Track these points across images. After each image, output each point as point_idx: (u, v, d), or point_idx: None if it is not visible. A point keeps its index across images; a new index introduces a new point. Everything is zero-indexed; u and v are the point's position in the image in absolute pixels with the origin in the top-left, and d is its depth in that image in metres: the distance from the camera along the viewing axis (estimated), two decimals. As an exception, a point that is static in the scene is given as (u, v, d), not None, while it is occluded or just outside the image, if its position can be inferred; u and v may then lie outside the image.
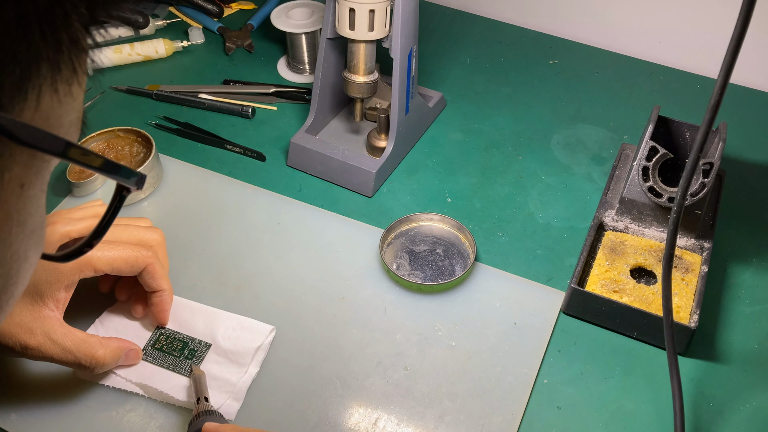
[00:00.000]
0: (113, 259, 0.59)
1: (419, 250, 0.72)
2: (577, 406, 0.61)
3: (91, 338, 0.58)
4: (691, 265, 0.67)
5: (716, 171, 0.65)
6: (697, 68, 0.96)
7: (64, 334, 0.57)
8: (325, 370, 0.63)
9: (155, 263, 0.61)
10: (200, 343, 0.63)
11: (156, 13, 1.06)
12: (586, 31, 1.01)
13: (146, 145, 0.79)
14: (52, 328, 0.56)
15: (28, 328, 0.56)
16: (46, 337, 0.56)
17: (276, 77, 0.95)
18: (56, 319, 0.57)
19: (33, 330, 0.56)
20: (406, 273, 0.70)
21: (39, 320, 0.56)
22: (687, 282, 0.66)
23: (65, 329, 0.57)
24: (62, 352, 0.56)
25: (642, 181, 0.68)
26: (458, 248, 0.72)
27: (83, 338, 0.58)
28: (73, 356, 0.57)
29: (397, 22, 0.73)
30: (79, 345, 0.57)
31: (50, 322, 0.56)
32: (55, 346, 0.56)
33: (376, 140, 0.81)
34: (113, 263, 0.59)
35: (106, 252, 0.59)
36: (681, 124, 0.73)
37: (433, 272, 0.70)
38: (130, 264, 0.60)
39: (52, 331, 0.56)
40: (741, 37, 0.36)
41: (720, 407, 0.61)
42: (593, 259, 0.69)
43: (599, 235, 0.71)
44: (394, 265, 0.70)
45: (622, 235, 0.70)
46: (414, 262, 0.71)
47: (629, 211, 0.71)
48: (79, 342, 0.57)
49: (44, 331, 0.56)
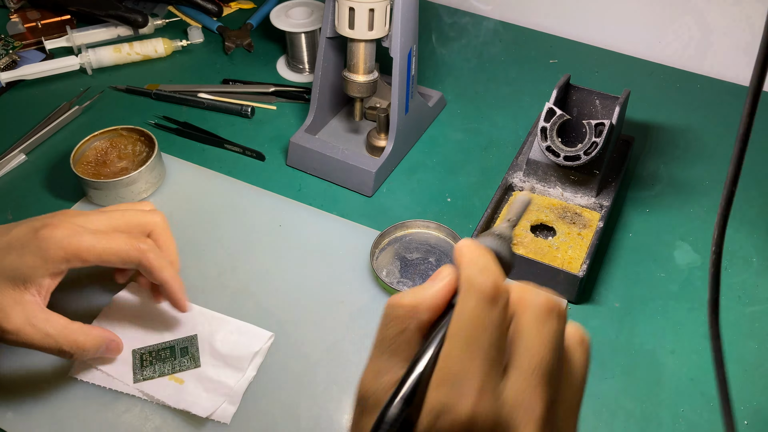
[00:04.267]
0: (103, 250, 0.57)
1: (411, 258, 0.71)
2: (576, 406, 0.61)
3: (73, 324, 0.57)
4: (588, 222, 0.72)
5: (609, 132, 0.69)
6: (697, 68, 0.96)
7: (44, 320, 0.55)
8: (322, 374, 0.63)
9: (150, 257, 0.58)
10: (185, 340, 0.63)
11: (155, 13, 1.06)
12: (586, 31, 1.01)
13: (149, 144, 0.79)
14: (33, 312, 0.55)
15: (6, 312, 0.54)
16: (26, 322, 0.54)
17: (275, 77, 0.95)
18: (37, 304, 0.55)
19: (11, 314, 0.54)
20: (395, 281, 0.68)
21: (19, 305, 0.54)
22: (583, 236, 0.70)
23: (46, 314, 0.56)
24: (43, 337, 0.55)
25: (541, 140, 0.72)
26: (451, 258, 0.71)
27: (64, 324, 0.56)
28: (54, 341, 0.55)
29: (396, 21, 0.73)
30: (60, 330, 0.56)
31: (31, 307, 0.55)
32: (35, 331, 0.54)
33: (376, 140, 0.81)
34: (102, 255, 0.57)
35: (97, 242, 0.57)
36: (591, 92, 0.77)
37: (423, 281, 0.69)
38: (121, 258, 0.58)
39: (32, 315, 0.55)
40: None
41: (720, 407, 0.61)
42: (499, 216, 0.74)
43: (508, 195, 0.76)
44: (384, 271, 0.69)
45: None
46: (405, 270, 0.70)
47: (534, 172, 0.75)
48: (60, 328, 0.56)
49: (24, 316, 0.54)
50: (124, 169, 0.77)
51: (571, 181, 0.74)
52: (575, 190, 0.74)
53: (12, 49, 0.97)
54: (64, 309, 0.65)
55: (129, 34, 1.01)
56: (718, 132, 0.87)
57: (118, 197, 0.75)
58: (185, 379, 0.61)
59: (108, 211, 0.61)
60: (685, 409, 0.61)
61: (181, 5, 1.06)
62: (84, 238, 0.56)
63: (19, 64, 0.96)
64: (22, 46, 0.99)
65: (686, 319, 0.67)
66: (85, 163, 0.77)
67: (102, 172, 0.77)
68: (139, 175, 0.75)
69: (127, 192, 0.75)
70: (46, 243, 0.55)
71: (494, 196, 0.74)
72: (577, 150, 0.70)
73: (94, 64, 0.95)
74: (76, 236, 0.56)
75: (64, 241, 0.55)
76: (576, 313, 0.68)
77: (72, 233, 0.56)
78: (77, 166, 0.76)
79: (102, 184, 0.74)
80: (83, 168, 0.77)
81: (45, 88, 0.93)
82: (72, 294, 0.67)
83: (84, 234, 0.57)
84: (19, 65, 0.95)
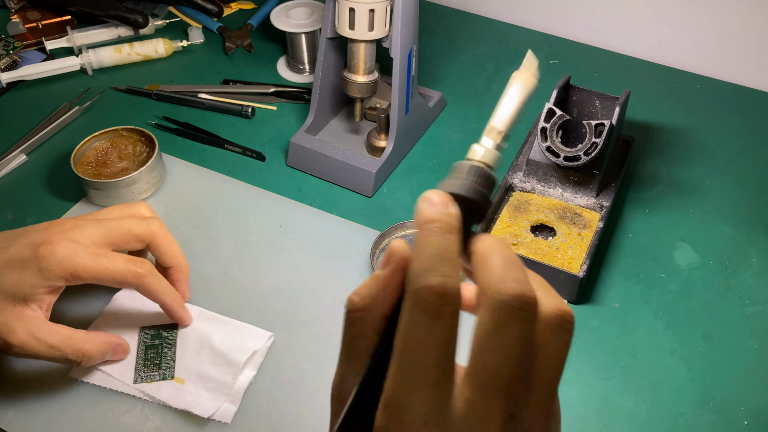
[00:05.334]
0: (100, 272, 0.57)
1: None
2: (577, 406, 0.61)
3: (77, 333, 0.58)
4: (588, 222, 0.72)
5: (609, 132, 0.69)
6: (697, 68, 0.96)
7: (48, 332, 0.56)
8: (323, 374, 0.63)
9: (148, 282, 0.59)
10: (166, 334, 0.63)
11: (155, 13, 1.06)
12: (586, 31, 1.01)
13: (149, 145, 0.79)
14: (36, 326, 0.56)
15: (10, 327, 0.55)
16: (30, 336, 0.55)
17: (276, 77, 0.95)
18: (39, 318, 0.56)
19: (15, 329, 0.55)
20: None
21: (21, 320, 0.55)
22: (583, 237, 0.70)
23: (49, 327, 0.57)
24: (48, 349, 0.56)
25: (541, 141, 0.72)
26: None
27: (68, 334, 0.57)
28: (59, 352, 0.56)
29: (397, 21, 0.73)
30: (65, 341, 0.57)
31: (33, 322, 0.56)
32: (39, 344, 0.56)
33: (376, 140, 0.81)
34: (99, 277, 0.57)
35: (96, 264, 0.57)
36: (592, 92, 0.77)
37: None
38: (117, 281, 0.58)
39: (35, 329, 0.56)
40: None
41: (720, 407, 0.61)
42: (499, 216, 0.74)
43: (508, 195, 0.76)
44: None
45: (528, 195, 0.75)
46: None
47: (535, 172, 0.75)
48: (64, 338, 0.57)
49: (27, 330, 0.55)
50: (125, 170, 0.77)
51: (571, 182, 0.74)
52: (575, 190, 0.74)
53: (12, 49, 0.97)
54: (66, 312, 0.66)
55: (129, 34, 1.01)
56: (719, 132, 0.87)
57: (119, 197, 0.75)
58: (186, 379, 0.61)
59: (104, 221, 0.61)
60: (685, 409, 0.61)
61: (182, 6, 1.06)
62: (82, 258, 0.57)
63: (19, 64, 0.96)
64: (22, 46, 0.99)
65: (686, 319, 0.67)
66: (85, 164, 0.77)
67: (102, 173, 0.77)
68: (140, 175, 0.75)
69: (127, 192, 0.75)
70: (45, 263, 0.56)
71: (494, 196, 0.74)
72: (577, 150, 0.70)
73: (94, 65, 0.95)
74: (74, 257, 0.56)
75: (64, 262, 0.56)
76: (576, 313, 0.68)
77: (71, 253, 0.56)
78: (77, 167, 0.76)
79: (102, 184, 0.74)
80: (83, 168, 0.77)
81: (45, 88, 0.93)
82: (72, 294, 0.67)
83: (83, 254, 0.57)
84: (20, 66, 0.95)
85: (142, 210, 0.65)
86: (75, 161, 0.76)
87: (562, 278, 0.66)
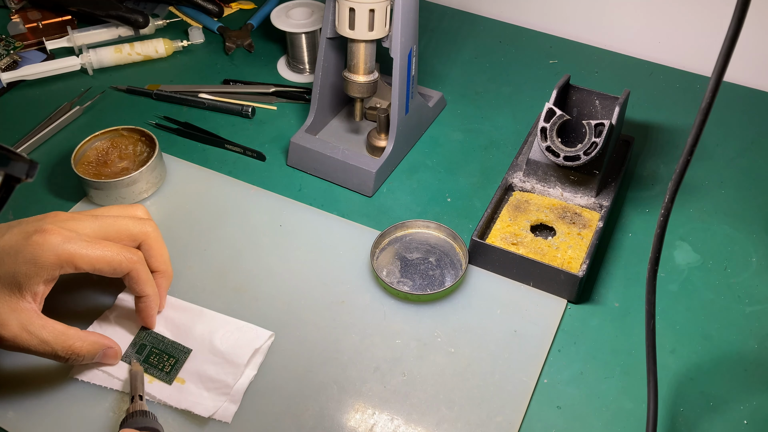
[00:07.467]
0: (96, 259, 0.58)
1: (412, 258, 0.71)
2: (577, 406, 0.61)
3: (69, 330, 0.58)
4: (588, 222, 0.72)
5: (609, 132, 0.69)
6: (697, 68, 0.96)
7: (41, 326, 0.56)
8: (323, 374, 0.63)
9: (139, 269, 0.60)
10: (181, 350, 0.63)
11: (156, 13, 1.06)
12: (586, 31, 1.01)
13: (150, 145, 0.79)
14: (29, 319, 0.56)
15: (3, 319, 0.55)
16: (22, 329, 0.55)
17: (276, 77, 0.95)
18: (33, 311, 0.56)
19: (8, 322, 0.55)
20: (396, 280, 0.69)
21: (15, 312, 0.55)
22: (582, 236, 0.70)
23: (43, 321, 0.57)
24: (39, 343, 0.56)
25: (540, 141, 0.72)
26: (451, 258, 0.71)
27: (61, 330, 0.57)
28: (50, 347, 0.56)
29: (397, 21, 0.73)
30: (57, 336, 0.57)
31: (27, 314, 0.56)
32: (31, 338, 0.56)
33: (376, 140, 0.81)
34: (95, 263, 0.58)
35: (90, 251, 0.58)
36: (591, 92, 0.77)
37: (423, 281, 0.69)
38: (112, 267, 0.59)
39: (28, 322, 0.56)
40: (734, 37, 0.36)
41: (720, 407, 0.61)
42: (499, 216, 0.74)
43: (508, 195, 0.76)
44: (384, 271, 0.69)
45: (527, 195, 0.75)
46: (405, 270, 0.70)
47: (535, 172, 0.75)
48: (56, 333, 0.57)
49: (20, 323, 0.55)
50: (125, 169, 0.77)
51: (571, 181, 0.74)
52: (575, 190, 0.74)
53: (13, 49, 0.97)
54: (67, 310, 0.66)
55: (130, 34, 1.01)
56: (718, 132, 0.87)
57: (119, 197, 0.75)
58: (186, 379, 0.61)
59: (100, 217, 0.61)
60: (685, 409, 0.61)
61: (182, 6, 1.07)
62: (77, 245, 0.57)
63: (20, 64, 0.96)
64: (23, 46, 0.99)
65: (686, 319, 0.67)
66: (86, 163, 0.77)
67: (103, 172, 0.77)
68: (140, 175, 0.75)
69: (128, 192, 0.75)
70: (39, 249, 0.55)
71: (494, 196, 0.74)
72: (577, 150, 0.70)
73: (95, 65, 0.95)
74: (68, 243, 0.57)
75: (58, 248, 0.56)
76: (576, 313, 0.68)
77: (65, 240, 0.56)
78: (78, 166, 0.76)
79: (103, 184, 0.74)
80: (84, 168, 0.77)
81: (46, 88, 0.93)
82: (73, 295, 0.67)
83: (77, 241, 0.57)
84: (20, 65, 0.95)
85: (138, 212, 0.65)
86: (75, 161, 0.76)
87: (562, 278, 0.66)
